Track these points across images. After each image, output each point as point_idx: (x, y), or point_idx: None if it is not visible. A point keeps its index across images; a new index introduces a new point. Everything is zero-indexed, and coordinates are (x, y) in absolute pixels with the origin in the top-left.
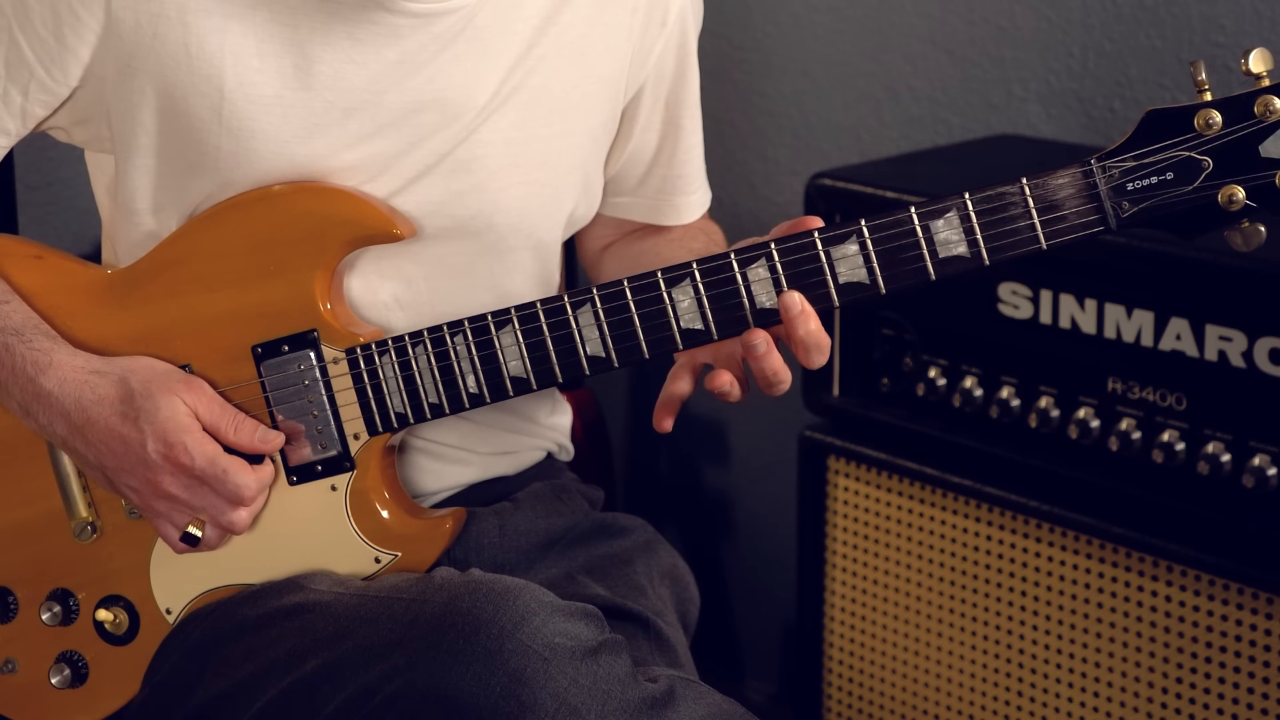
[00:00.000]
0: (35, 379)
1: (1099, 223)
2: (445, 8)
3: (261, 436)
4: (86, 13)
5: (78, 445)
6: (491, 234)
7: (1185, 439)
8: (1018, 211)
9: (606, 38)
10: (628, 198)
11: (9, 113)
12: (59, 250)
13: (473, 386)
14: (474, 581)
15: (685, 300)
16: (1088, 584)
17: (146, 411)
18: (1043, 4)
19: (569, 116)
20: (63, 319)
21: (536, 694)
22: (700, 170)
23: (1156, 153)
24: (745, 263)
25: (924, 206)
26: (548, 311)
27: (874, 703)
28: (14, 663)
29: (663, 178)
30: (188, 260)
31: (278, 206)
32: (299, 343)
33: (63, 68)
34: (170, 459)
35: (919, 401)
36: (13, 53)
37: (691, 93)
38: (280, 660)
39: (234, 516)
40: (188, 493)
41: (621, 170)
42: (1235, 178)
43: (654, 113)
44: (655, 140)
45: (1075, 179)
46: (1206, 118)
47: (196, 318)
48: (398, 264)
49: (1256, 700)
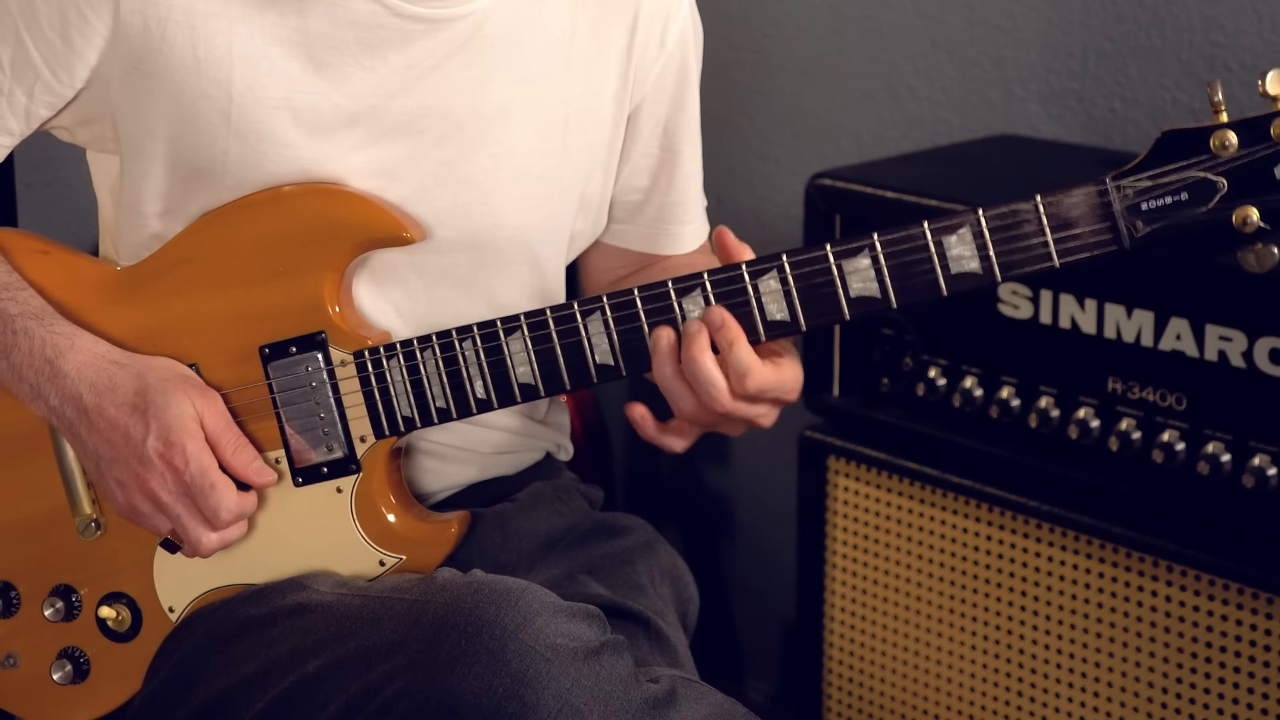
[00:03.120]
0: (54, 360)
1: (1113, 242)
2: (453, 14)
3: (256, 468)
4: (94, 15)
5: (81, 430)
6: (492, 247)
7: (1185, 439)
8: (1031, 229)
9: (607, 55)
10: (624, 225)
11: (13, 113)
12: (68, 246)
13: (480, 392)
14: (476, 582)
15: (696, 311)
16: (1088, 584)
17: (157, 406)
18: (1043, 4)
19: (570, 133)
20: (71, 314)
21: (539, 695)
22: (698, 200)
23: (1172, 173)
24: (757, 274)
25: (937, 222)
26: (557, 319)
27: (874, 703)
28: (15, 658)
29: (660, 205)
30: (197, 259)
31: (288, 207)
32: (307, 344)
33: (68, 70)
34: (166, 459)
35: (919, 401)
36: (19, 53)
37: (689, 120)
38: (282, 660)
39: (201, 534)
40: (171, 498)
41: (618, 195)
42: (1250, 199)
43: (652, 137)
44: (652, 165)
45: (1090, 197)
46: (1223, 139)
47: (204, 316)
48: (400, 273)
49: (1256, 700)
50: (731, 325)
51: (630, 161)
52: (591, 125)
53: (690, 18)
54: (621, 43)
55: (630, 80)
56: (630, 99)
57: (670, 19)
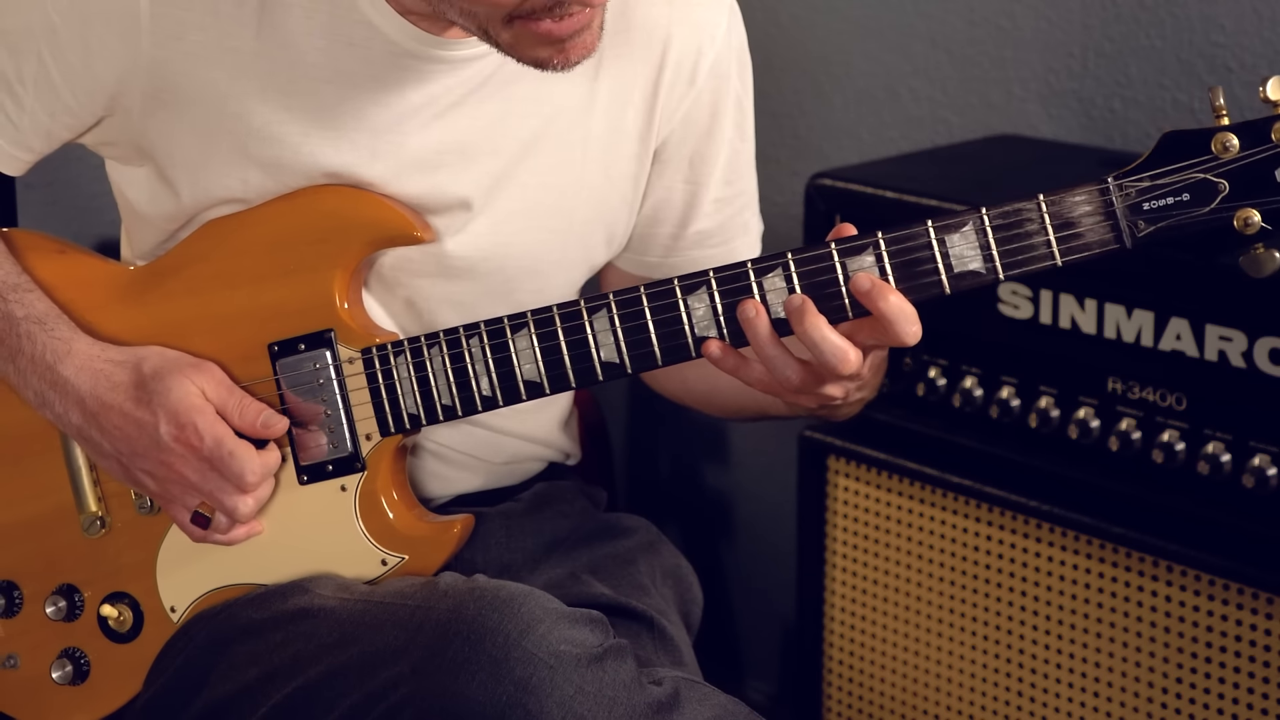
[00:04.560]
0: (54, 366)
1: (1114, 241)
2: (473, 54)
3: (265, 421)
4: (118, 43)
5: (93, 434)
6: (500, 276)
7: (1185, 439)
8: (1034, 228)
9: (631, 92)
10: (637, 255)
11: (35, 133)
12: (81, 246)
13: (486, 389)
14: (479, 588)
15: (701, 308)
16: (1088, 584)
17: (159, 394)
18: (1043, 4)
19: (589, 168)
20: (82, 313)
21: (543, 702)
22: (731, 225)
23: (1173, 173)
24: (761, 272)
25: (940, 220)
26: (564, 316)
27: (874, 703)
28: (16, 658)
29: (674, 236)
30: (209, 257)
31: (300, 206)
32: (315, 341)
33: (90, 96)
34: (182, 440)
35: (919, 401)
36: (41, 75)
37: (717, 150)
38: (285, 665)
39: (236, 501)
40: (198, 475)
41: (647, 229)
42: (1251, 201)
43: (677, 170)
44: (674, 199)
45: (1092, 197)
46: (1224, 141)
47: (215, 315)
48: (406, 295)
49: (1256, 700)
50: (812, 308)
51: (654, 194)
52: (613, 161)
53: (728, 45)
54: (648, 79)
55: (657, 117)
56: (656, 135)
57: (701, 55)
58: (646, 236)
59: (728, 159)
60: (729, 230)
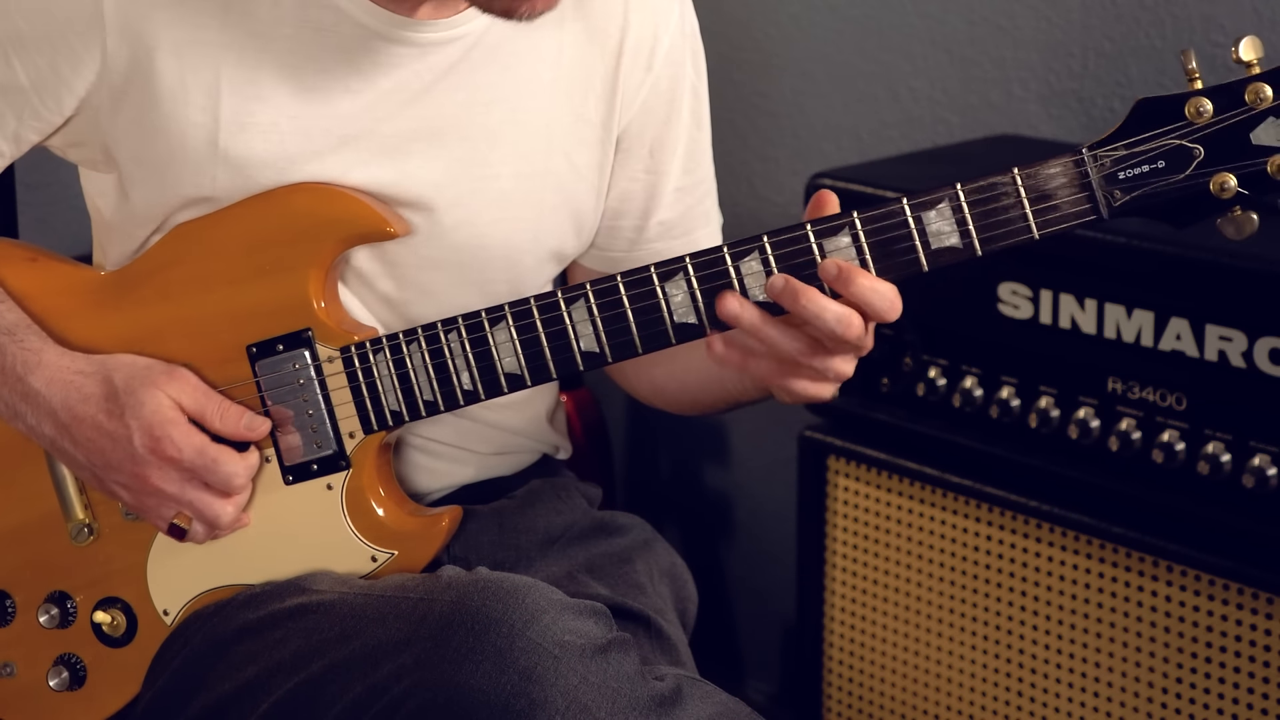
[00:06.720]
0: (24, 378)
1: (1091, 212)
2: (443, 37)
3: (248, 423)
4: (82, 46)
5: (66, 445)
6: (474, 266)
7: (1185, 439)
8: (1010, 201)
9: (592, 78)
10: (603, 251)
11: (2, 135)
12: (54, 253)
13: (467, 383)
14: (482, 580)
15: (679, 294)
16: (1088, 584)
17: (131, 407)
18: (1043, 4)
19: (554, 155)
20: (57, 321)
21: (547, 692)
22: (693, 217)
23: (1147, 141)
24: (738, 256)
25: (916, 197)
26: (541, 308)
27: (874, 703)
28: (12, 666)
29: (637, 228)
30: (182, 261)
31: (273, 206)
32: (294, 342)
33: (56, 98)
34: (158, 453)
35: (919, 401)
36: (7, 77)
37: (676, 137)
38: (286, 662)
39: (218, 510)
40: (176, 487)
41: (612, 222)
42: (1227, 165)
43: (639, 159)
44: (636, 190)
45: (1066, 168)
46: (1197, 106)
47: (191, 318)
48: (382, 286)
49: (1256, 700)
50: (801, 284)
51: (617, 185)
52: (577, 148)
53: (681, 33)
54: (607, 66)
55: (617, 104)
56: (618, 122)
57: (657, 41)
58: (611, 230)
59: (686, 147)
60: (691, 220)
